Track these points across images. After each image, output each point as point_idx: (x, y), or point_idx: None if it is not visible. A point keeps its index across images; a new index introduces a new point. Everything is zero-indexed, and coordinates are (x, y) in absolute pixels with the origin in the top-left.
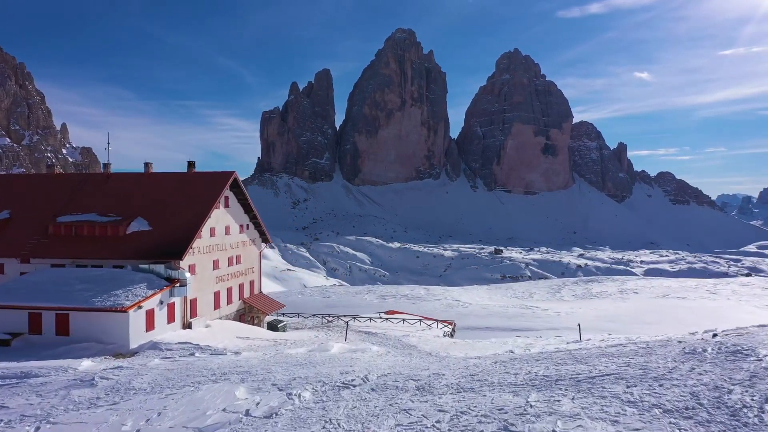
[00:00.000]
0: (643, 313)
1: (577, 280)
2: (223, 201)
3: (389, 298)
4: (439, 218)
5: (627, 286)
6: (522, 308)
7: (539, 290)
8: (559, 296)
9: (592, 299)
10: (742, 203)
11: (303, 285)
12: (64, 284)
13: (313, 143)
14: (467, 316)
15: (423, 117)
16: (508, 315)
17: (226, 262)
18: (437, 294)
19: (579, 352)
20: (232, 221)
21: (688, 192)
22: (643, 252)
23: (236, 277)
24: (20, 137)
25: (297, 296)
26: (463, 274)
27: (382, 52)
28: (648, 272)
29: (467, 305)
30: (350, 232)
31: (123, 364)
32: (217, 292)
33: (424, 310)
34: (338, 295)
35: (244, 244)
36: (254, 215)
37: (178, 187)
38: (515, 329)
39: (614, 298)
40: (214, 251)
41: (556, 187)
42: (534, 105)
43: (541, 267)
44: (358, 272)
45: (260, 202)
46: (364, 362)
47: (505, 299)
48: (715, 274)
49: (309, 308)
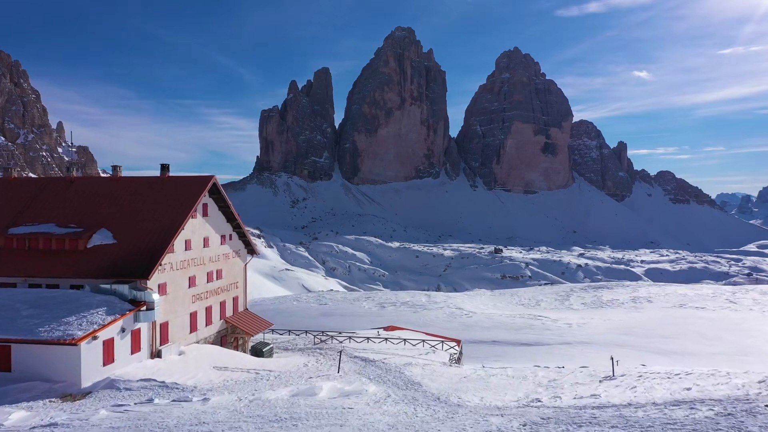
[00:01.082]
0: (659, 326)
1: (586, 286)
2: (201, 209)
3: (388, 305)
4: (439, 217)
5: (639, 294)
6: (529, 318)
7: (546, 297)
8: (567, 304)
9: (602, 308)
10: (742, 202)
11: (301, 285)
12: (9, 309)
13: (312, 142)
14: (472, 328)
15: (422, 116)
16: (515, 326)
17: (205, 277)
18: (439, 301)
19: (632, 414)
20: (211, 232)
21: (688, 191)
22: (644, 251)
23: (217, 295)
24: (15, 136)
25: (292, 303)
26: (463, 273)
27: (381, 51)
28: (649, 272)
29: (471, 314)
30: (349, 231)
31: (61, 418)
32: (193, 312)
33: (425, 321)
34: (335, 302)
35: (226, 257)
36: (238, 224)
37: (150, 194)
38: (524, 343)
39: (627, 308)
40: (189, 266)
41: (555, 186)
42: (534, 104)
43: (541, 267)
44: (357, 272)
45: (259, 201)
46: (357, 418)
47: (511, 307)
48: (716, 274)
49: (304, 316)
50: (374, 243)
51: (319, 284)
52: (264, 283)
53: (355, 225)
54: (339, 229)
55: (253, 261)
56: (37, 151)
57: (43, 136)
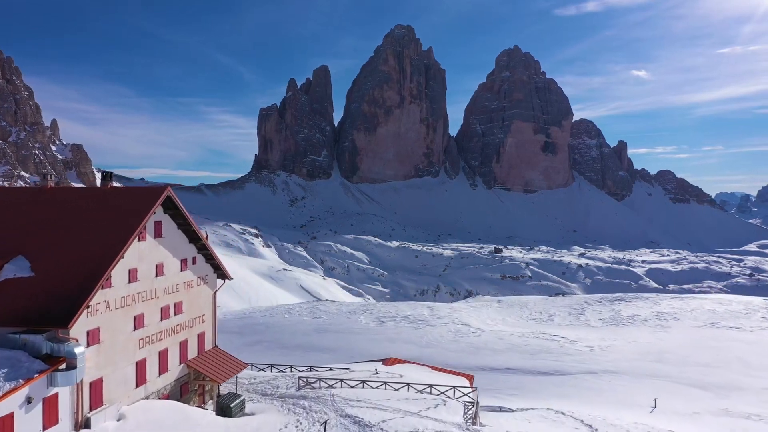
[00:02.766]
0: (693, 350)
1: (601, 298)
2: (152, 229)
3: (387, 320)
4: (438, 217)
5: (662, 309)
6: (544, 338)
7: (559, 311)
8: (583, 320)
9: (624, 326)
10: (741, 201)
11: (299, 285)
12: None
13: (311, 140)
14: (481, 351)
15: (422, 114)
16: (530, 349)
17: (158, 314)
18: (442, 315)
19: None
20: (167, 256)
21: (689, 190)
22: (644, 251)
23: (175, 334)
24: (7, 134)
25: (284, 316)
26: (463, 273)
27: (380, 49)
28: (650, 272)
29: (479, 332)
30: (348, 230)
31: None
32: (141, 360)
33: (429, 340)
34: (330, 315)
35: (188, 286)
36: (203, 245)
37: (86, 210)
38: (543, 372)
39: (652, 326)
40: (135, 303)
41: (555, 186)
42: (534, 102)
43: (541, 267)
44: (356, 272)
45: (258, 200)
46: None
47: (521, 322)
48: (718, 275)
49: (295, 332)
50: (373, 242)
51: (317, 284)
52: (261, 284)
53: (354, 224)
54: (338, 228)
55: (250, 261)
56: (30, 150)
57: (36, 134)
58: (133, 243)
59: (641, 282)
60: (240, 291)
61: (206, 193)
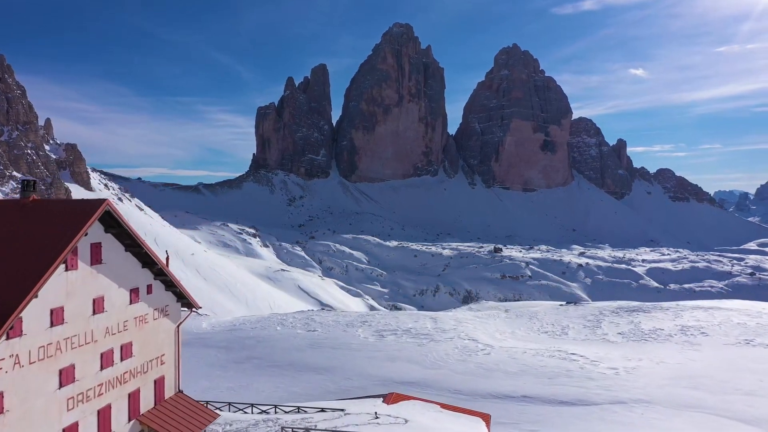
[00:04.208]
0: (733, 375)
1: (617, 308)
2: (87, 254)
3: (388, 333)
4: (437, 216)
5: (686, 322)
6: (561, 357)
7: (572, 323)
8: (600, 334)
9: (647, 342)
10: (740, 200)
11: (297, 286)
12: None
13: (309, 139)
14: (493, 373)
15: (421, 113)
16: (547, 371)
17: (97, 362)
18: (447, 329)
19: None
20: (110, 287)
21: (688, 189)
22: (644, 250)
23: (122, 384)
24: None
25: (276, 328)
26: (463, 273)
27: (379, 47)
28: (650, 271)
29: (488, 349)
30: (347, 230)
31: None
32: (70, 427)
33: (434, 359)
34: (326, 328)
35: (140, 322)
36: (160, 269)
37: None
38: (564, 401)
39: (678, 343)
40: (61, 352)
41: (555, 184)
42: (533, 101)
43: (541, 266)
44: (354, 272)
45: (255, 199)
46: None
47: (533, 336)
48: (719, 274)
49: (288, 348)
50: (372, 242)
51: (315, 285)
52: (258, 285)
53: (353, 223)
54: (336, 227)
55: (248, 261)
56: (22, 149)
57: (29, 134)
58: (57, 274)
59: (642, 281)
60: (237, 293)
61: (204, 193)
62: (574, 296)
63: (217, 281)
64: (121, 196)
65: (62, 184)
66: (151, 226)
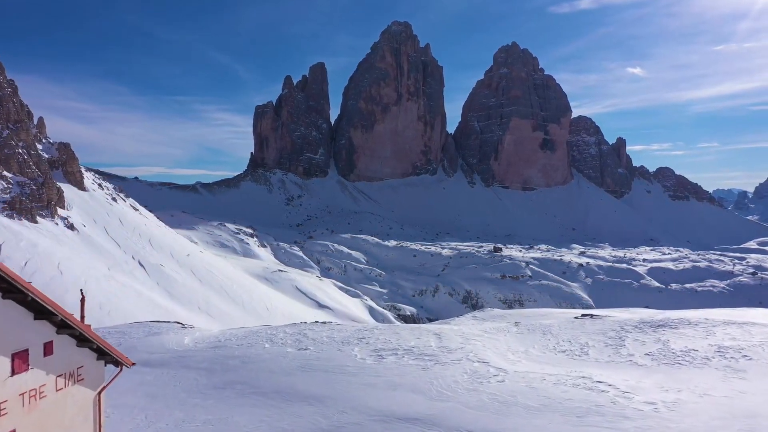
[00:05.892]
0: None
1: (640, 322)
2: None
3: (388, 353)
4: (436, 215)
5: (721, 341)
6: (587, 386)
7: (591, 339)
8: (626, 354)
9: (682, 366)
10: (738, 198)
11: (295, 287)
12: None
13: (307, 138)
14: (511, 409)
15: (420, 112)
16: (574, 406)
17: None
18: (453, 348)
19: None
20: None
21: (688, 188)
22: (644, 249)
23: None
24: None
25: (264, 346)
26: (462, 273)
27: (377, 45)
28: (651, 271)
29: (501, 375)
30: (345, 229)
31: None
32: None
33: (440, 388)
34: (319, 346)
35: (32, 398)
36: (64, 321)
37: None
38: None
39: (719, 368)
40: None
41: (554, 183)
42: (532, 99)
43: (542, 266)
44: (353, 272)
45: (253, 198)
46: None
47: (549, 356)
48: (721, 274)
49: (275, 371)
50: (371, 242)
51: (313, 286)
52: (256, 286)
53: (351, 223)
54: (335, 227)
55: (245, 262)
56: (13, 148)
57: (20, 132)
58: None
59: (643, 281)
60: (233, 294)
61: (201, 192)
62: (575, 296)
63: (212, 283)
64: (115, 196)
65: (54, 184)
66: (146, 227)
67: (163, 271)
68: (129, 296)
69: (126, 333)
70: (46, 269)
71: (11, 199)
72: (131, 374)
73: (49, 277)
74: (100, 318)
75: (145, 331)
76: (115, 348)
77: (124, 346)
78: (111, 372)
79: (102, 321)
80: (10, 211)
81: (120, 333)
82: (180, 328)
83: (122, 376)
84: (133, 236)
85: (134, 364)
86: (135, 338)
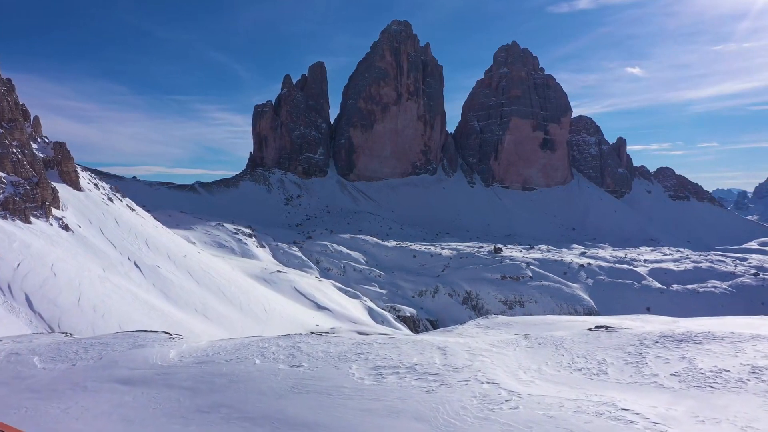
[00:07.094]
0: None
1: (660, 336)
2: None
3: (388, 372)
4: (436, 215)
5: (753, 360)
6: (612, 415)
7: (609, 355)
8: (649, 374)
9: (714, 390)
10: (738, 198)
11: (293, 288)
12: None
13: (306, 138)
14: None
15: (419, 111)
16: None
17: None
18: (460, 366)
19: None
20: None
21: (688, 188)
22: (645, 249)
23: None
24: None
25: (254, 362)
26: (462, 274)
27: (377, 45)
28: (652, 272)
29: (514, 399)
30: (344, 229)
31: None
32: None
33: (448, 413)
34: (313, 362)
35: None
36: None
37: None
38: None
39: (756, 393)
40: None
41: (554, 183)
42: (532, 99)
43: (542, 267)
44: (352, 272)
45: (252, 198)
46: None
47: (564, 375)
48: (722, 274)
49: (264, 393)
50: (370, 242)
51: (312, 287)
52: (254, 287)
53: (351, 222)
54: (334, 227)
55: (243, 262)
56: (7, 148)
57: (14, 132)
58: None
59: (644, 282)
60: (231, 296)
61: (200, 192)
62: (576, 297)
63: (210, 284)
64: (111, 196)
65: (49, 184)
66: (143, 227)
67: (159, 272)
68: (124, 298)
69: (109, 345)
70: (39, 270)
71: (5, 199)
72: (109, 395)
73: (42, 278)
74: (94, 320)
75: (130, 343)
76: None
77: (105, 360)
78: None
79: (96, 323)
80: (3, 212)
81: (103, 345)
82: (167, 339)
83: (99, 397)
84: (129, 237)
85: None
86: (117, 351)
